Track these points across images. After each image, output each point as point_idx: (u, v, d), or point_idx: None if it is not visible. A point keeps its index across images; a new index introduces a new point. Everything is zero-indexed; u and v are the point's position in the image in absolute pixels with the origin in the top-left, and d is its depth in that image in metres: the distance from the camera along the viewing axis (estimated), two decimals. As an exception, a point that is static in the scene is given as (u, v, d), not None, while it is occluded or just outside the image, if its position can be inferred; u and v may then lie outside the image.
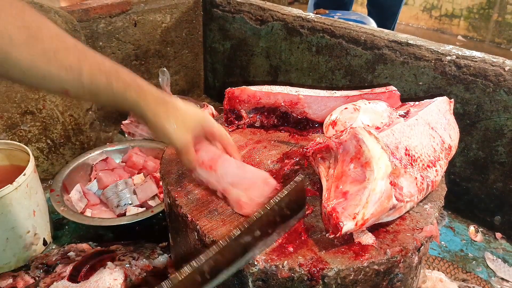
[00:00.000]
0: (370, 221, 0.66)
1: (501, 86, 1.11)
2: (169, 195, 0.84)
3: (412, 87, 1.28)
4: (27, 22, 0.60)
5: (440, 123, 0.87)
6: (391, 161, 0.69)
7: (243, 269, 0.67)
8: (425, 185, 0.74)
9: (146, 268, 1.02)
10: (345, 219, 0.64)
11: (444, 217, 1.30)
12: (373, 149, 0.69)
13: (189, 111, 0.79)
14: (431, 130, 0.83)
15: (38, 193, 1.13)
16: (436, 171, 0.78)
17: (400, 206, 0.70)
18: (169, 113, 0.75)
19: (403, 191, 0.70)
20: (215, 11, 1.82)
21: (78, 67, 0.64)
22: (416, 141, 0.78)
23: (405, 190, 0.70)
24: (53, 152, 1.44)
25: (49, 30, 0.64)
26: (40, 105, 1.35)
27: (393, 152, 0.72)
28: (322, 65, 1.50)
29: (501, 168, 1.19)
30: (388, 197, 0.67)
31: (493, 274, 1.11)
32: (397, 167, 0.70)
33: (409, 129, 0.79)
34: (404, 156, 0.74)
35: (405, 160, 0.73)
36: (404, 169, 0.71)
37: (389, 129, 0.77)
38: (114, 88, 0.68)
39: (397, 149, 0.73)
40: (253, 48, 1.72)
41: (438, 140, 0.83)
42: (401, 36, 1.31)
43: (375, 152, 0.68)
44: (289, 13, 1.57)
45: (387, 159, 0.68)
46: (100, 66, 0.67)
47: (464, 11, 4.01)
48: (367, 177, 0.67)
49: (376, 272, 0.68)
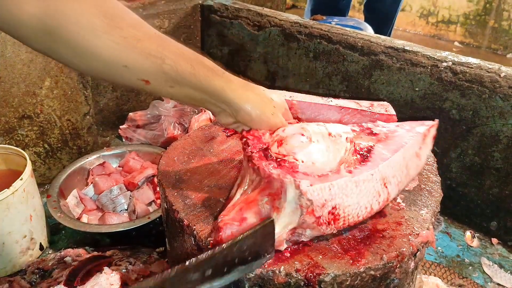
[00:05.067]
0: None
1: (497, 92, 1.12)
2: (166, 200, 0.84)
3: (409, 93, 1.29)
4: (108, 11, 0.60)
5: (399, 175, 0.79)
6: (302, 217, 0.66)
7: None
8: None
9: (143, 273, 1.02)
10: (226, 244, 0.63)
11: (440, 223, 1.31)
12: (289, 202, 0.66)
13: (274, 96, 0.79)
14: (381, 187, 0.75)
15: (35, 198, 1.13)
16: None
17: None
18: (258, 96, 0.74)
19: (303, 236, 0.69)
20: (213, 17, 1.83)
21: (161, 55, 0.63)
22: (352, 201, 0.70)
23: (307, 235, 0.69)
24: (50, 157, 1.44)
25: (131, 18, 0.63)
26: (38, 110, 1.35)
27: (315, 209, 0.66)
28: (319, 70, 1.50)
29: (497, 173, 1.19)
30: (277, 246, 0.67)
31: (489, 279, 1.12)
32: (305, 223, 0.67)
33: (354, 186, 0.70)
34: (326, 214, 0.68)
35: (324, 219, 0.68)
36: (317, 226, 0.68)
37: (328, 183, 0.68)
38: (198, 75, 0.67)
39: (323, 206, 0.67)
40: (251, 54, 1.73)
41: (383, 198, 0.75)
42: (398, 42, 1.32)
43: (289, 206, 0.66)
44: (287, 19, 1.58)
45: (298, 215, 0.66)
46: (183, 54, 0.67)
47: (460, 17, 4.03)
48: (271, 217, 0.66)
49: (373, 278, 0.68)
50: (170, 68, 0.65)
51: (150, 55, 0.63)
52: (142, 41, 0.63)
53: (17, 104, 1.31)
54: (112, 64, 0.62)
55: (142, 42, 0.62)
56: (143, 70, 0.63)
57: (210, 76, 0.69)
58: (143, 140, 1.60)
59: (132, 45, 0.62)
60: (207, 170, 0.90)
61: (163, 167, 0.93)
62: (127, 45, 0.61)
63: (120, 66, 0.62)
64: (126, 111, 1.70)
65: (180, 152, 0.96)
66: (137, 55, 0.62)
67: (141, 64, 0.63)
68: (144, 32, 0.64)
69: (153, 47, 0.63)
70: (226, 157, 0.94)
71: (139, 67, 0.63)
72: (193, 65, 0.67)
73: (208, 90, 0.70)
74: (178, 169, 0.90)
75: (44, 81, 1.34)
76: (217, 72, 0.71)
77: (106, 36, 0.59)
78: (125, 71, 0.63)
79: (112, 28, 0.60)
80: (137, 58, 0.62)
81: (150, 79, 0.65)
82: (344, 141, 0.78)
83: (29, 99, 1.33)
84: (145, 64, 0.63)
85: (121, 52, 0.61)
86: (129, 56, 0.61)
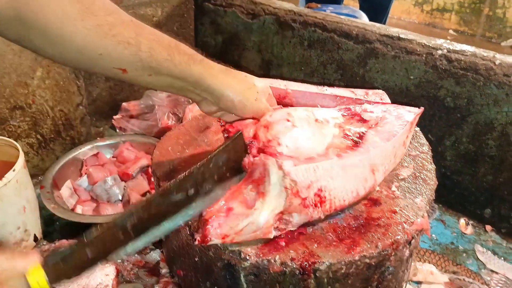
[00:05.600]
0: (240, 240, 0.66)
1: (491, 80, 1.12)
2: (161, 190, 0.83)
3: (404, 81, 1.28)
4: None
5: (387, 163, 0.79)
6: (288, 199, 0.65)
7: (235, 264, 0.67)
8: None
9: (138, 263, 1.02)
10: (214, 237, 0.63)
11: (435, 210, 1.31)
12: (274, 185, 0.65)
13: (256, 81, 0.77)
14: (369, 174, 0.74)
15: (28, 189, 1.12)
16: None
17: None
18: (240, 82, 0.72)
19: (290, 224, 0.68)
20: (206, 5, 1.81)
21: (136, 41, 0.62)
22: (338, 184, 0.70)
23: (294, 221, 0.68)
24: (43, 148, 1.43)
25: (105, 5, 0.61)
26: (30, 100, 1.34)
27: (300, 190, 0.66)
28: (314, 59, 1.49)
29: (491, 161, 1.20)
30: (265, 233, 0.65)
31: (483, 266, 1.13)
32: (291, 205, 0.66)
33: (340, 169, 0.70)
34: (312, 196, 0.67)
35: (310, 201, 0.67)
36: (304, 208, 0.67)
37: (313, 164, 0.67)
38: (176, 61, 0.66)
39: (308, 187, 0.66)
40: (245, 43, 1.71)
41: (370, 184, 0.75)
42: (393, 30, 1.31)
43: (274, 189, 0.65)
44: (281, 7, 1.56)
45: (283, 198, 0.65)
46: (159, 40, 0.65)
47: (455, 5, 4.02)
48: (256, 206, 0.64)
49: (368, 266, 0.68)
50: (146, 55, 0.63)
51: (126, 42, 0.61)
52: (118, 28, 0.61)
53: (8, 95, 1.29)
54: (87, 52, 0.60)
55: (117, 29, 0.61)
56: (119, 58, 0.62)
57: (188, 62, 0.67)
58: (137, 130, 1.59)
59: (107, 32, 0.60)
60: (201, 160, 0.89)
61: (157, 157, 0.92)
62: (102, 32, 0.60)
63: (95, 54, 0.60)
64: (120, 101, 1.68)
65: (174, 142, 0.96)
66: (112, 42, 0.60)
67: (117, 51, 0.61)
68: (120, 19, 0.62)
69: (128, 34, 0.62)
70: (220, 147, 0.94)
71: (114, 54, 0.61)
72: (170, 52, 0.66)
73: (187, 77, 0.68)
74: (172, 159, 0.90)
75: (35, 71, 1.33)
76: (196, 58, 0.69)
77: (81, 23, 0.58)
78: (100, 59, 0.61)
79: (87, 15, 0.58)
80: (112, 46, 0.60)
81: (127, 67, 0.63)
82: (331, 127, 0.78)
83: (20, 89, 1.31)
84: (121, 51, 0.61)
85: (96, 40, 0.59)
86: (104, 44, 0.60)
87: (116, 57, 0.62)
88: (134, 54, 0.62)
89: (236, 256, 0.67)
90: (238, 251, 0.66)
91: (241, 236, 0.64)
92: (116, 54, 0.61)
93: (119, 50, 0.61)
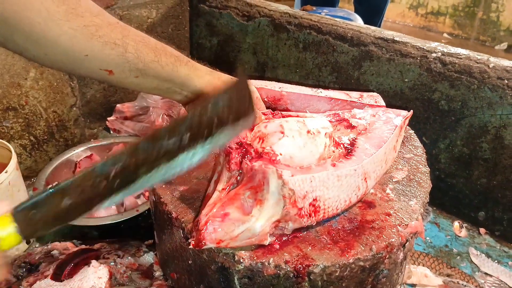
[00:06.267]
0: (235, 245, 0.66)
1: (486, 83, 1.13)
2: (154, 193, 0.83)
3: (398, 84, 1.29)
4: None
5: (378, 170, 0.79)
6: (286, 208, 0.65)
7: (229, 267, 0.67)
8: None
9: (132, 266, 1.01)
10: (209, 242, 0.63)
11: (429, 213, 1.32)
12: (272, 193, 0.64)
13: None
14: (361, 181, 0.74)
15: (21, 191, 1.11)
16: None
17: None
18: (226, 84, 0.72)
19: (285, 230, 0.68)
20: (201, 7, 1.81)
21: (122, 43, 0.61)
22: (332, 194, 0.70)
23: (289, 228, 0.68)
24: (36, 149, 1.42)
25: (89, 5, 0.61)
26: (23, 101, 1.33)
27: (297, 200, 0.65)
28: (309, 61, 1.50)
29: (485, 164, 1.20)
30: (261, 240, 0.65)
31: (477, 269, 1.13)
32: (287, 215, 0.66)
33: (336, 179, 0.70)
34: (307, 206, 0.67)
35: (305, 211, 0.67)
36: (299, 218, 0.67)
37: (310, 175, 0.67)
38: (163, 63, 0.65)
39: (304, 198, 0.66)
40: (240, 44, 1.71)
41: (362, 191, 0.75)
42: (388, 33, 1.31)
43: (272, 197, 0.64)
44: (276, 9, 1.56)
45: (281, 207, 0.65)
46: (145, 42, 0.64)
47: (449, 9, 4.04)
48: (252, 213, 0.64)
49: (362, 268, 0.68)
50: (133, 56, 0.63)
51: (113, 43, 0.61)
52: (104, 30, 0.60)
53: (1, 96, 1.28)
54: (73, 53, 0.59)
55: (104, 30, 0.60)
56: (105, 59, 0.61)
57: (174, 63, 0.67)
58: (131, 132, 1.58)
59: (94, 33, 0.59)
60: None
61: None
62: (89, 33, 0.59)
63: (81, 55, 0.60)
64: (114, 103, 1.67)
65: (168, 144, 0.95)
66: (99, 44, 0.60)
67: (103, 52, 0.60)
68: (106, 20, 0.62)
69: (115, 36, 0.61)
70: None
71: (101, 56, 0.61)
72: (156, 53, 0.65)
73: (174, 78, 0.68)
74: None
75: (29, 72, 1.32)
76: (182, 60, 0.69)
77: (67, 23, 0.57)
78: (86, 60, 0.61)
79: (73, 16, 0.58)
80: (99, 47, 0.60)
81: (113, 69, 0.63)
82: (323, 137, 0.78)
83: (13, 90, 1.30)
84: (108, 52, 0.61)
85: (82, 41, 0.59)
86: (90, 45, 0.59)
87: (103, 59, 0.61)
88: (120, 55, 0.62)
89: (230, 259, 0.66)
90: (232, 254, 0.66)
91: (236, 242, 0.64)
92: (103, 56, 0.61)
93: (106, 51, 0.60)
